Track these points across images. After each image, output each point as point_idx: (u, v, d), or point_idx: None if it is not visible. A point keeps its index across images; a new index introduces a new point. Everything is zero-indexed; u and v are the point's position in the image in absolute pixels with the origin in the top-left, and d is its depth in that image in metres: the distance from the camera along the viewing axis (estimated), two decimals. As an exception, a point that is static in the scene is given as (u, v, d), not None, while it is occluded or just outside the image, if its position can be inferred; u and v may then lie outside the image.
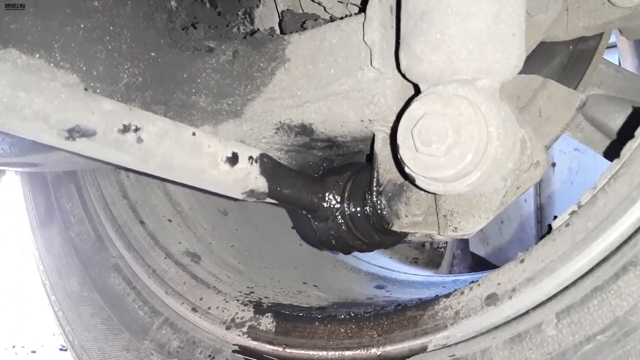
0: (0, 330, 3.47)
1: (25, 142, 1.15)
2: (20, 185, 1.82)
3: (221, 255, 1.53)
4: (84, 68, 1.03)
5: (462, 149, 0.79)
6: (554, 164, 4.60)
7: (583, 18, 1.21)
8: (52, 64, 1.01)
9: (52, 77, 1.00)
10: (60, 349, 3.11)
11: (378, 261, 1.85)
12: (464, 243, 4.21)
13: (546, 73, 1.36)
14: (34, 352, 3.14)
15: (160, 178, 1.01)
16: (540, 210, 4.59)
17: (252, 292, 1.37)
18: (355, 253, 1.36)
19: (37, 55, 1.00)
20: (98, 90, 1.04)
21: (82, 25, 1.03)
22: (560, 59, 1.39)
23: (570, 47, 1.38)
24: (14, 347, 3.19)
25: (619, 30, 1.29)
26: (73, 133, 0.83)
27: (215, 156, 0.96)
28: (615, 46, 3.56)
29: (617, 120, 1.56)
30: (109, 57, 1.05)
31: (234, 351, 1.23)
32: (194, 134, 0.94)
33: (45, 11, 1.01)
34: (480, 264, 4.35)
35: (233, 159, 0.98)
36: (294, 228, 1.82)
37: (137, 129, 0.88)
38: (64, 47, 1.02)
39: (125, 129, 0.87)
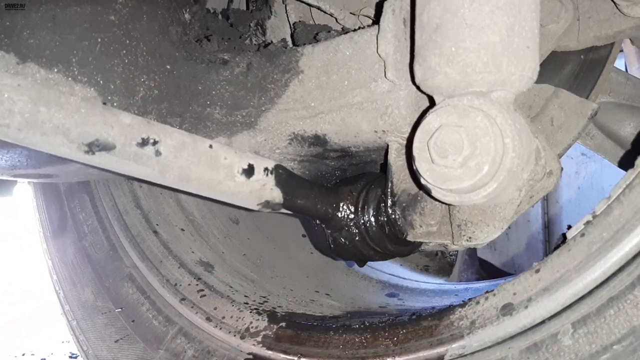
0: (10, 337, 3.48)
1: (42, 154, 1.15)
2: (32, 195, 1.83)
3: (234, 264, 1.53)
4: (102, 82, 1.04)
5: (478, 161, 0.80)
6: (561, 169, 4.58)
7: (594, 28, 1.22)
8: (70, 78, 1.02)
9: (70, 91, 1.01)
10: (70, 357, 3.12)
11: (389, 269, 1.84)
12: (472, 249, 4.20)
13: (558, 82, 1.36)
14: (44, 359, 3.15)
15: (174, 189, 1.01)
16: (547, 215, 4.58)
17: (266, 302, 1.38)
18: (367, 261, 1.36)
19: (56, 70, 1.01)
20: (115, 104, 1.05)
21: (99, 40, 1.04)
22: (572, 68, 1.39)
23: (582, 56, 1.38)
24: (23, 354, 3.20)
25: (630, 39, 1.30)
26: (92, 147, 0.84)
27: (232, 168, 0.97)
28: (621, 51, 3.56)
29: (627, 127, 1.56)
30: (126, 70, 1.06)
31: (248, 360, 1.24)
32: (210, 146, 0.95)
33: (63, 26, 1.02)
34: (488, 269, 4.33)
35: (249, 171, 0.99)
36: (304, 236, 1.82)
37: (155, 142, 0.88)
38: (82, 61, 1.03)
39: (144, 143, 0.88)
